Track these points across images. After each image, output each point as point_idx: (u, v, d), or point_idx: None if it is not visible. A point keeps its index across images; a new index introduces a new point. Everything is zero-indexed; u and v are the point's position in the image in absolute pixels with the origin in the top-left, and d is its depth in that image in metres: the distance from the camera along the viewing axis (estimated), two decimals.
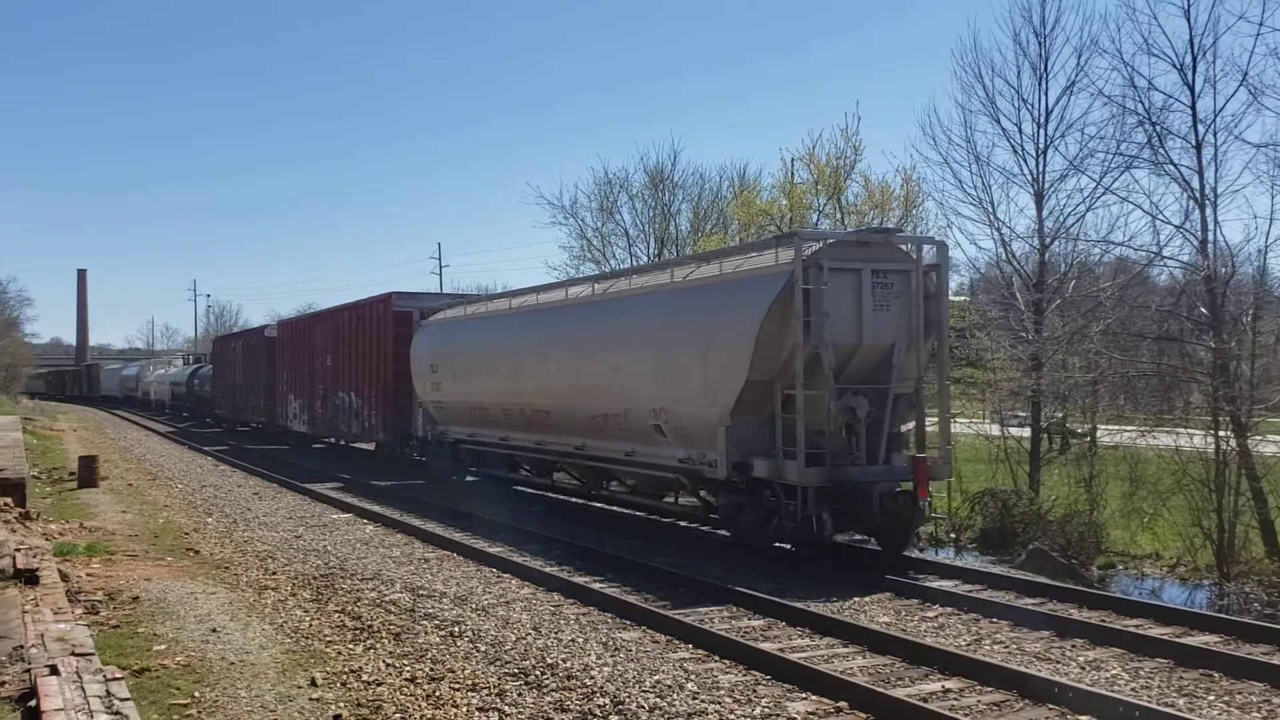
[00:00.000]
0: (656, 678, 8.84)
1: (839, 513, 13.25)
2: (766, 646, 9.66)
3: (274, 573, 13.95)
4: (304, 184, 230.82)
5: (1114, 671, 9.19)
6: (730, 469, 13.86)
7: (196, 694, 8.30)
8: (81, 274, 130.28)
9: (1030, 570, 16.09)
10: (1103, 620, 10.92)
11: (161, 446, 38.93)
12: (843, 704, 8.13)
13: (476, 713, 8.08)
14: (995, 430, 23.72)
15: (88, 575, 12.97)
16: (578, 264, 32.14)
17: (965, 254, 59.98)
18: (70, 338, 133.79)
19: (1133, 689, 8.66)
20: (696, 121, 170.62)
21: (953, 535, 20.64)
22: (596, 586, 12.38)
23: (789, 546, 13.96)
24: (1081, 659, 9.60)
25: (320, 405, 31.43)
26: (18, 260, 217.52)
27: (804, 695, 8.42)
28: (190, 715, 7.80)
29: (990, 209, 22.67)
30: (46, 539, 14.97)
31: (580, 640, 10.16)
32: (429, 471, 24.43)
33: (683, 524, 17.32)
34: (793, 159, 25.23)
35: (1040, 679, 8.53)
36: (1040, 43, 22.02)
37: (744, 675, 8.99)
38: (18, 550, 11.87)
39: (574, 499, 20.63)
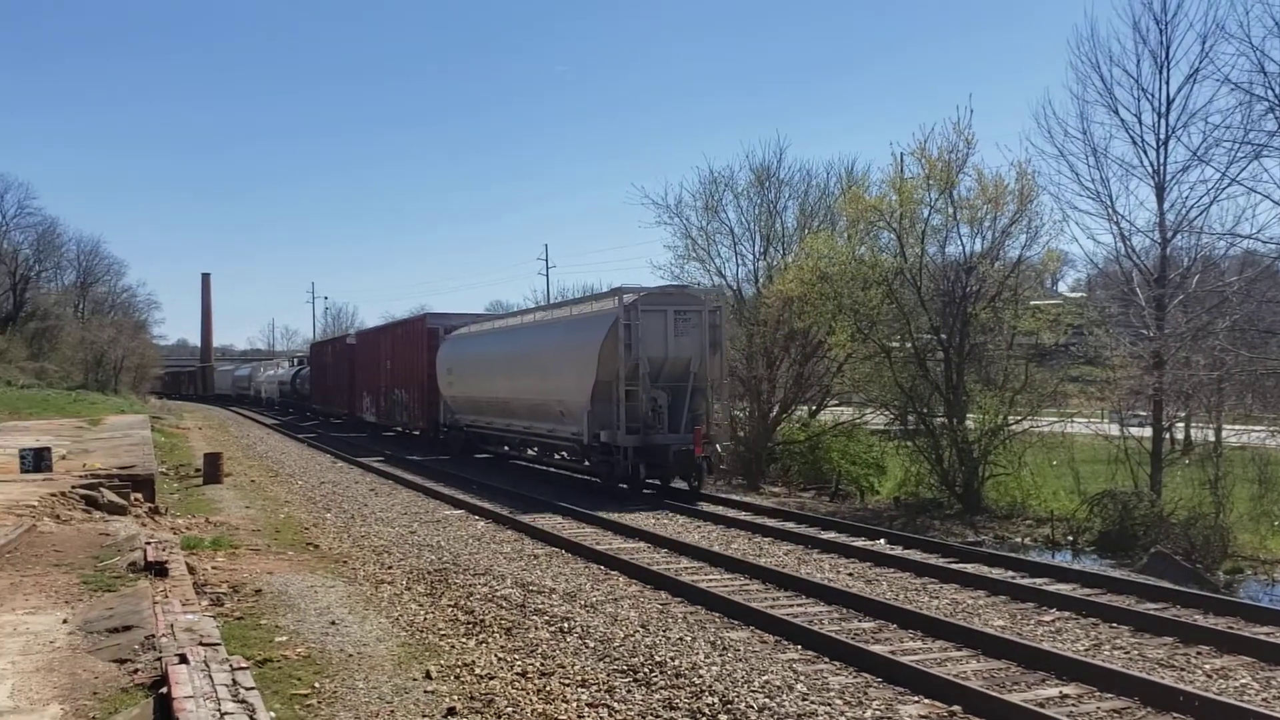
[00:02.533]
0: (765, 678, 8.81)
1: (650, 464, 21.01)
2: (878, 649, 9.55)
3: (390, 567, 14.29)
4: (416, 185, 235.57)
5: (1243, 681, 8.84)
6: (590, 436, 21.52)
7: (316, 685, 8.55)
8: (205, 277, 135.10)
9: (1152, 575, 15.57)
10: (1230, 627, 10.52)
11: (282, 444, 40.16)
12: (956, 708, 7.99)
13: (587, 708, 8.15)
14: (1114, 430, 23.01)
15: (213, 568, 13.46)
16: (683, 263, 32.04)
17: (1082, 249, 58.12)
18: (195, 339, 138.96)
19: (1263, 699, 8.33)
20: (804, 125, 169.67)
21: (1070, 538, 20.08)
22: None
23: (624, 485, 21.30)
24: (1207, 667, 9.26)
25: (383, 400, 39.17)
26: (146, 264, 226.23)
27: (916, 698, 8.30)
28: (310, 705, 8.03)
29: (1108, 202, 21.95)
30: (174, 533, 15.57)
31: (688, 639, 10.18)
32: (449, 448, 31.58)
33: (579, 476, 24.52)
34: (902, 154, 24.85)
35: (1164, 686, 8.26)
36: (1161, 30, 21.23)
37: (854, 677, 8.90)
38: (148, 544, 12.36)
39: (536, 465, 27.94)
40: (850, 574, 13.70)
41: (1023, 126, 72.80)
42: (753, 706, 8.09)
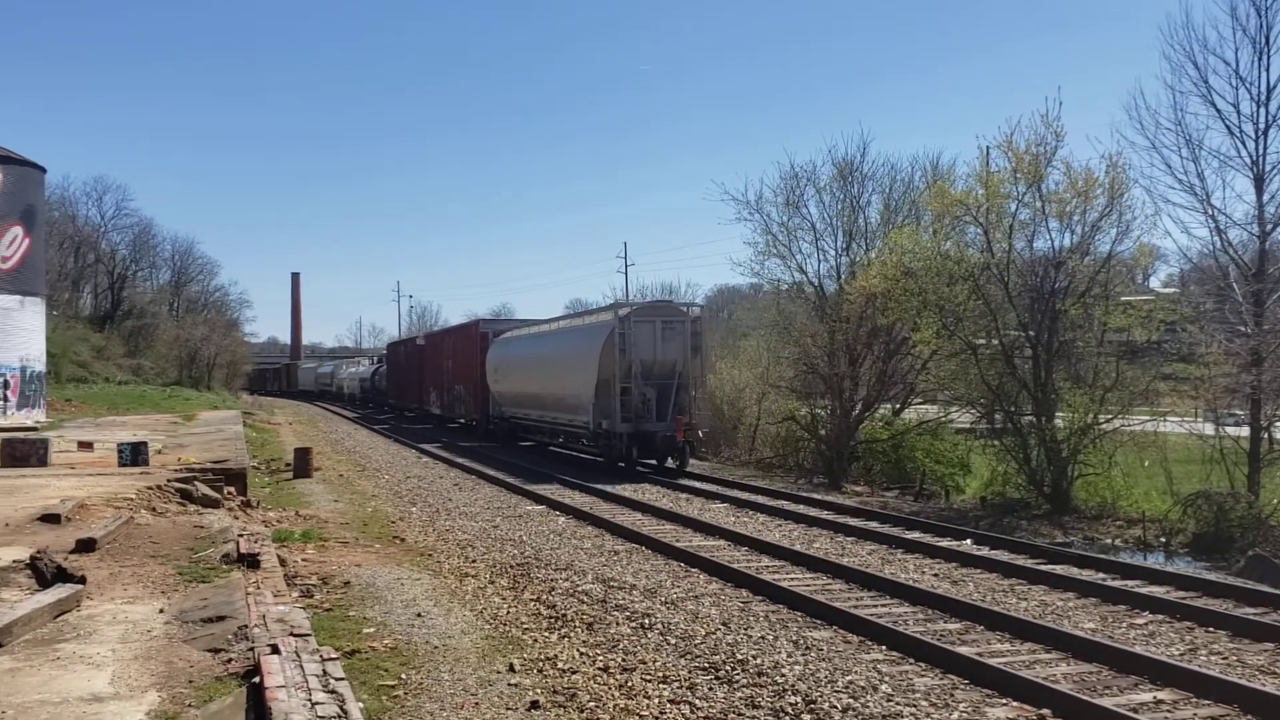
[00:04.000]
0: (849, 678, 8.73)
1: (641, 447, 25.57)
2: (964, 650, 9.40)
3: (473, 561, 14.46)
4: (497, 184, 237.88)
5: None
6: (595, 425, 26.21)
7: (403, 676, 8.69)
8: (295, 277, 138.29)
9: (1250, 578, 15.06)
10: None
11: (369, 439, 40.90)
12: (1045, 711, 7.84)
13: (668, 705, 8.16)
14: (1209, 429, 22.31)
15: (303, 560, 13.75)
16: (763, 259, 31.70)
17: (1176, 243, 56.45)
18: (285, 337, 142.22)
19: None
20: (888, 121, 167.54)
21: (1162, 540, 19.54)
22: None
23: (622, 464, 25.95)
24: None
25: (446, 395, 43.97)
26: (237, 263, 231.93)
27: (1004, 701, 8.16)
28: (397, 697, 8.17)
29: (1203, 195, 21.28)
30: (266, 526, 15.95)
31: (770, 638, 10.13)
32: (496, 437, 36.30)
33: (586, 457, 29.08)
34: (988, 147, 24.37)
35: (1264, 694, 8.00)
36: (1261, 15, 20.49)
37: (940, 678, 8.77)
38: (240, 536, 12.69)
39: (563, 450, 31.72)
40: (935, 574, 13.51)
41: (1113, 118, 71.02)
42: (836, 707, 8.02)
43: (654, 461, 26.16)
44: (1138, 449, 22.79)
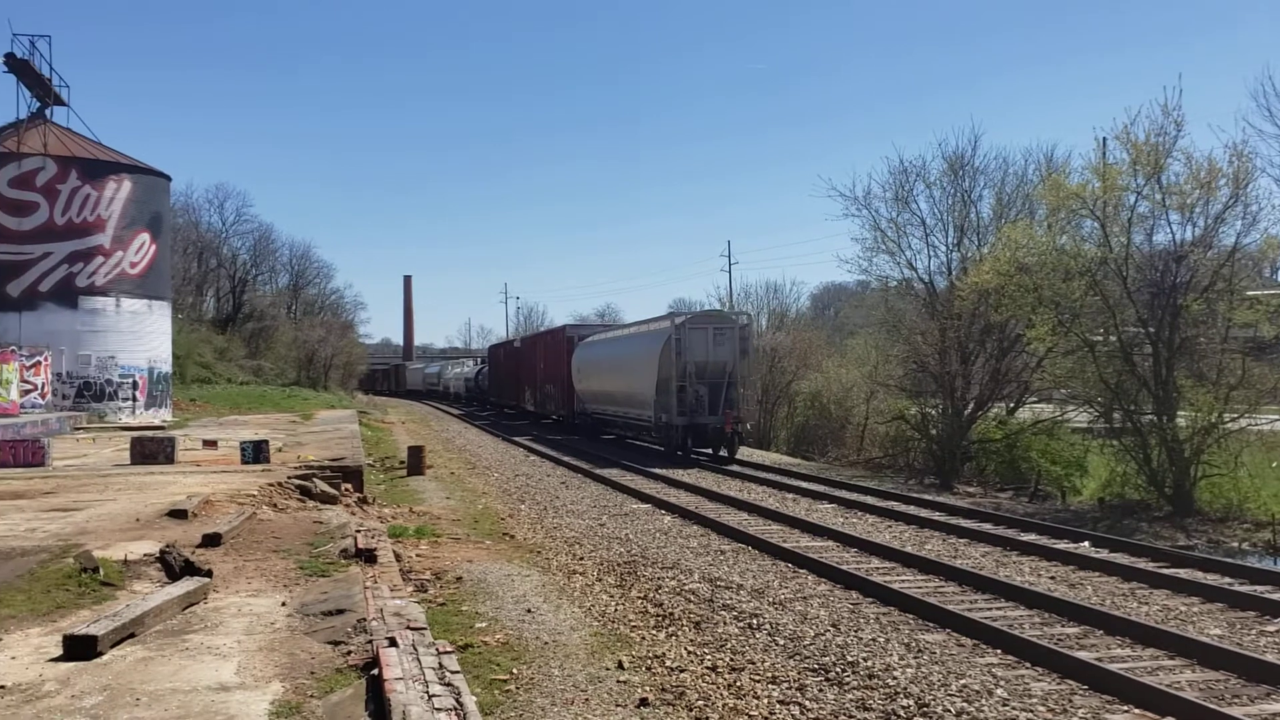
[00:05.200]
0: (963, 681, 8.57)
1: (695, 437, 29.25)
2: (1083, 655, 9.14)
3: (581, 558, 14.60)
4: (605, 184, 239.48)
5: None
6: (656, 418, 29.81)
7: (514, 671, 8.82)
8: (407, 280, 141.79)
9: None
10: None
11: (478, 438, 41.61)
12: (1169, 719, 7.58)
13: (778, 705, 8.13)
14: None
15: (417, 556, 14.06)
16: (871, 255, 31.22)
17: None
18: (398, 338, 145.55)
19: None
20: (998, 121, 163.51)
21: None
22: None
23: (680, 453, 29.05)
24: None
25: (538, 393, 47.41)
26: (352, 266, 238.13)
27: (1125, 708, 7.92)
28: (509, 691, 8.30)
29: None
30: (381, 522, 16.35)
31: (881, 640, 10.00)
32: (580, 431, 39.57)
33: (652, 446, 32.27)
34: (1105, 138, 23.63)
35: None
36: None
37: (1058, 683, 8.56)
38: (358, 532, 13.03)
39: (635, 441, 35.28)
40: (1052, 577, 13.18)
41: (1239, 106, 67.82)
42: (950, 710, 7.88)
43: (709, 451, 29.54)
44: (1266, 449, 21.89)
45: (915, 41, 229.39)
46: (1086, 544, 15.51)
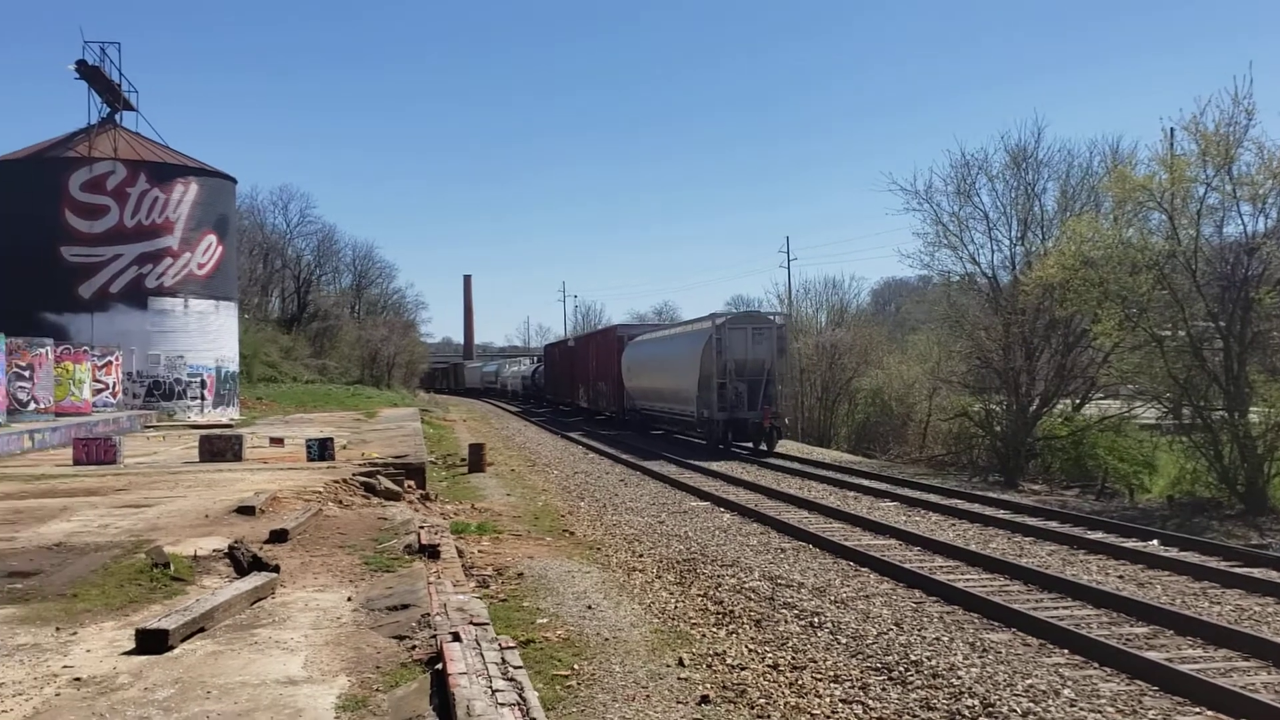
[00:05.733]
0: (1029, 681, 8.46)
1: (735, 431, 30.68)
2: (1153, 655, 8.97)
3: (641, 555, 14.63)
4: (668, 182, 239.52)
5: None
6: (698, 413, 31.46)
7: (575, 666, 8.87)
8: (467, 279, 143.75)
9: None
10: None
11: (538, 435, 41.86)
12: None
13: (840, 704, 8.08)
14: None
15: (479, 552, 14.19)
16: (932, 250, 30.88)
17: None
18: (458, 336, 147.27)
19: None
20: (1060, 114, 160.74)
21: None
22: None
23: (721, 446, 31.02)
24: None
25: (591, 390, 49.42)
26: (413, 265, 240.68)
27: (1197, 710, 7.76)
28: (570, 687, 8.34)
29: None
30: (443, 518, 16.51)
31: (945, 639, 9.90)
32: (630, 426, 41.12)
33: (696, 440, 34.17)
34: (1172, 128, 23.14)
35: None
36: None
37: (1127, 684, 8.41)
38: (421, 527, 13.17)
39: (679, 435, 36.94)
40: (1120, 576, 12.94)
41: None
42: (1016, 711, 7.78)
43: (749, 444, 31.02)
44: None
45: (980, 33, 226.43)
46: (1155, 542, 15.21)
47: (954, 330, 32.26)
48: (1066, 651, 9.38)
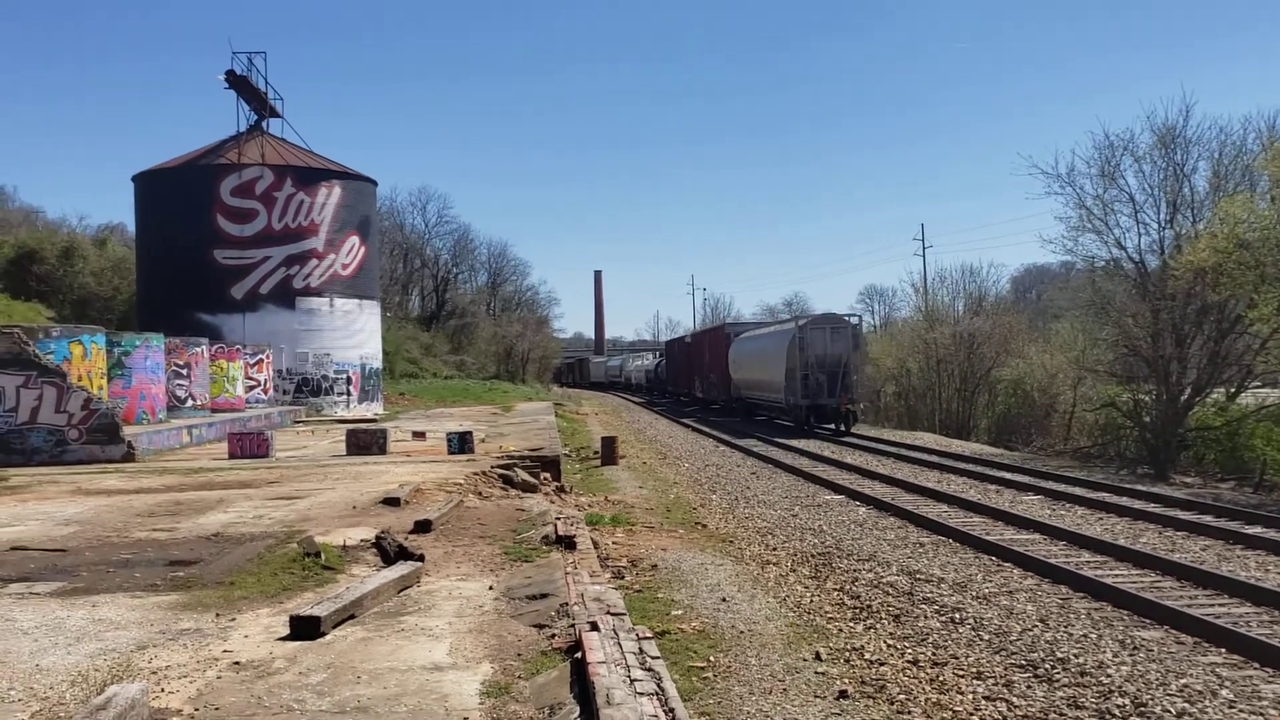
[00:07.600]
0: (1184, 681, 8.13)
1: (817, 415, 36.27)
2: None
3: (774, 548, 14.56)
4: (789, 177, 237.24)
5: None
6: (787, 400, 36.64)
7: (711, 659, 8.89)
8: (597, 275, 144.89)
9: None
10: None
11: (669, 428, 42.06)
12: None
13: (983, 701, 7.91)
14: None
15: (613, 543, 14.34)
16: (1076, 235, 29.88)
17: None
18: (589, 331, 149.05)
19: None
20: (1209, 84, 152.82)
21: None
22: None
23: (805, 427, 36.09)
24: None
25: (704, 382, 53.87)
26: (545, 262, 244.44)
27: None
28: (707, 679, 8.37)
29: None
30: (578, 510, 16.73)
31: (1093, 636, 9.58)
32: (736, 414, 45.47)
33: (784, 423, 38.98)
34: None
35: None
36: None
37: None
38: (558, 519, 13.38)
39: (779, 421, 40.92)
40: None
41: None
42: (1170, 711, 7.50)
43: (831, 426, 36.21)
44: None
45: (1120, 5, 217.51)
46: None
47: (1099, 317, 31.20)
48: (1224, 650, 8.98)
